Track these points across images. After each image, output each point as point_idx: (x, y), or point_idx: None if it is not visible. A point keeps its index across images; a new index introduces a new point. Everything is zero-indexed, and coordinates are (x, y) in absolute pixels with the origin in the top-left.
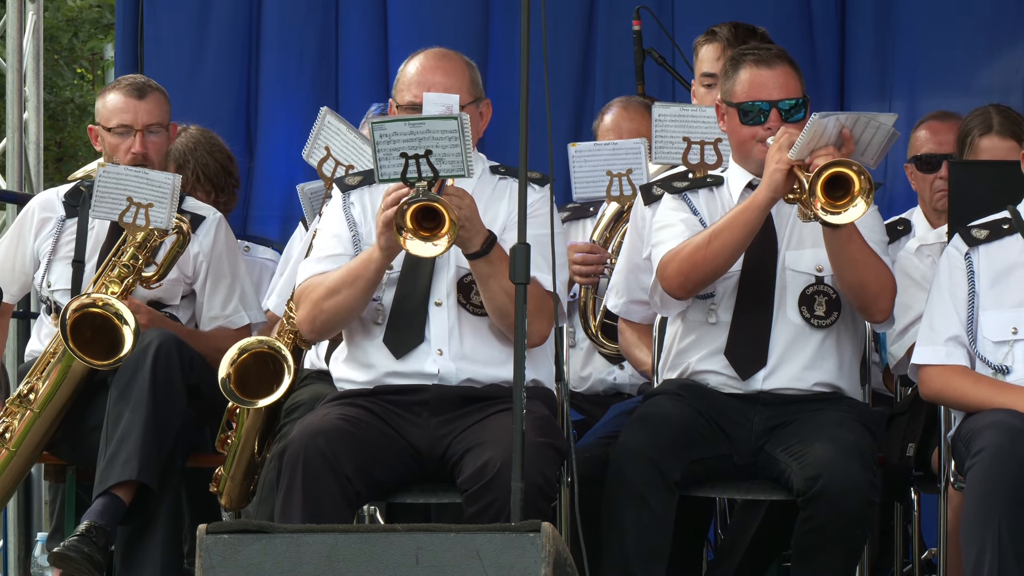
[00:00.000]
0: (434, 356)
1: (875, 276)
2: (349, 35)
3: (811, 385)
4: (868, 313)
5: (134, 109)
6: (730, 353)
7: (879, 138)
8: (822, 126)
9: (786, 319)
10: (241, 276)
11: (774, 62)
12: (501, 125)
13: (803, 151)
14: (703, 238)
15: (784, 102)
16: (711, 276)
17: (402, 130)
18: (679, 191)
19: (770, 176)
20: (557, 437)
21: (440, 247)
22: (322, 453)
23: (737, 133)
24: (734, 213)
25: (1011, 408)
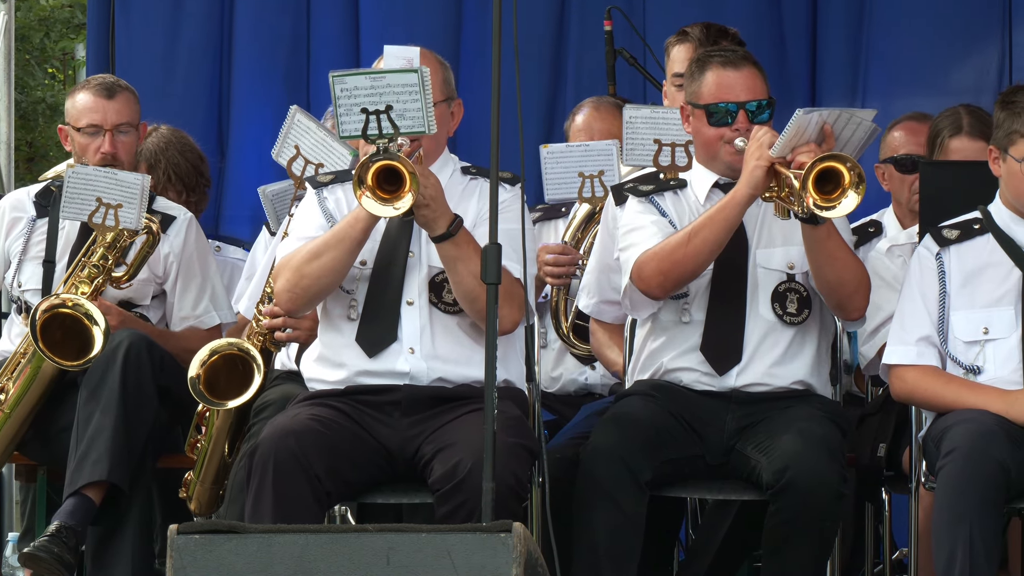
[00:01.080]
0: (405, 355)
1: (852, 273)
2: (321, 35)
3: (783, 381)
4: (844, 311)
5: (103, 109)
6: (706, 349)
7: (859, 134)
8: (805, 121)
9: (759, 316)
10: (212, 276)
11: (740, 63)
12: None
13: (785, 148)
14: (682, 237)
15: (751, 103)
16: (690, 275)
17: (363, 84)
18: (645, 194)
19: (750, 173)
20: (528, 437)
21: (400, 209)
22: (293, 453)
23: (703, 134)
24: (713, 211)
25: (982, 408)
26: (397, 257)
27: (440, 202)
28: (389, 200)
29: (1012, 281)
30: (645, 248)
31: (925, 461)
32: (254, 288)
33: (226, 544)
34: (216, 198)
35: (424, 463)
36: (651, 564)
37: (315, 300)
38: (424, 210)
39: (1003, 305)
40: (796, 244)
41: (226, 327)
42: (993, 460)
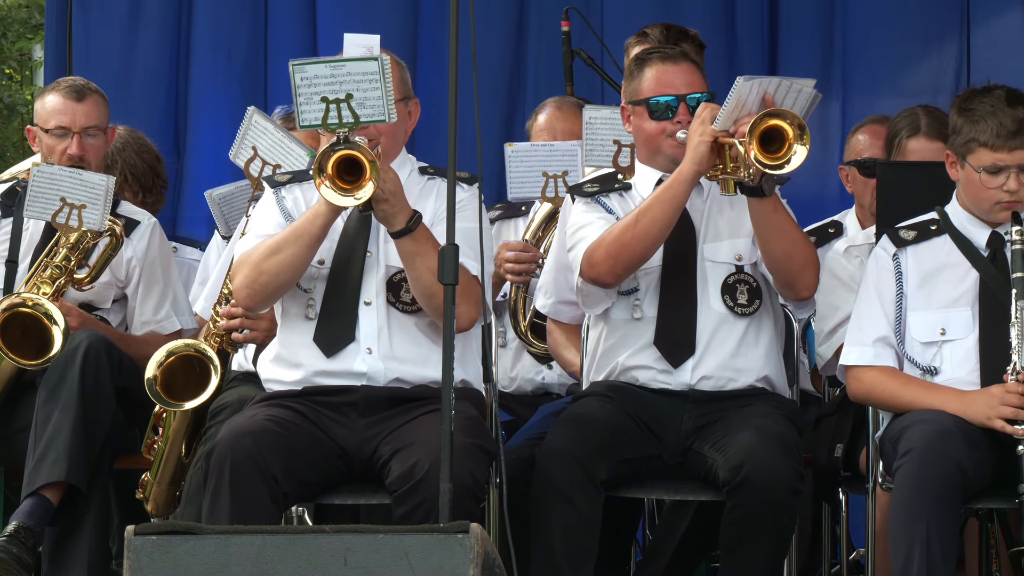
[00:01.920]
0: (363, 355)
1: (800, 248)
2: (278, 36)
3: (739, 375)
4: (793, 288)
5: (72, 111)
6: (659, 343)
7: (801, 101)
8: (746, 89)
9: (710, 308)
10: (173, 282)
11: (679, 59)
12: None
13: (728, 120)
14: (630, 219)
15: (692, 96)
16: (640, 257)
17: (323, 73)
18: (590, 195)
19: (695, 148)
20: (486, 438)
21: (360, 199)
22: (249, 454)
23: (645, 130)
24: (659, 190)
25: (939, 408)
26: (355, 257)
27: (399, 197)
28: (349, 190)
29: (969, 282)
30: (594, 239)
31: (882, 461)
32: (210, 289)
33: (183, 545)
34: (173, 199)
35: (382, 464)
36: (608, 565)
37: (273, 297)
38: (383, 205)
39: (960, 306)
40: (743, 236)
41: (187, 333)
42: (950, 460)
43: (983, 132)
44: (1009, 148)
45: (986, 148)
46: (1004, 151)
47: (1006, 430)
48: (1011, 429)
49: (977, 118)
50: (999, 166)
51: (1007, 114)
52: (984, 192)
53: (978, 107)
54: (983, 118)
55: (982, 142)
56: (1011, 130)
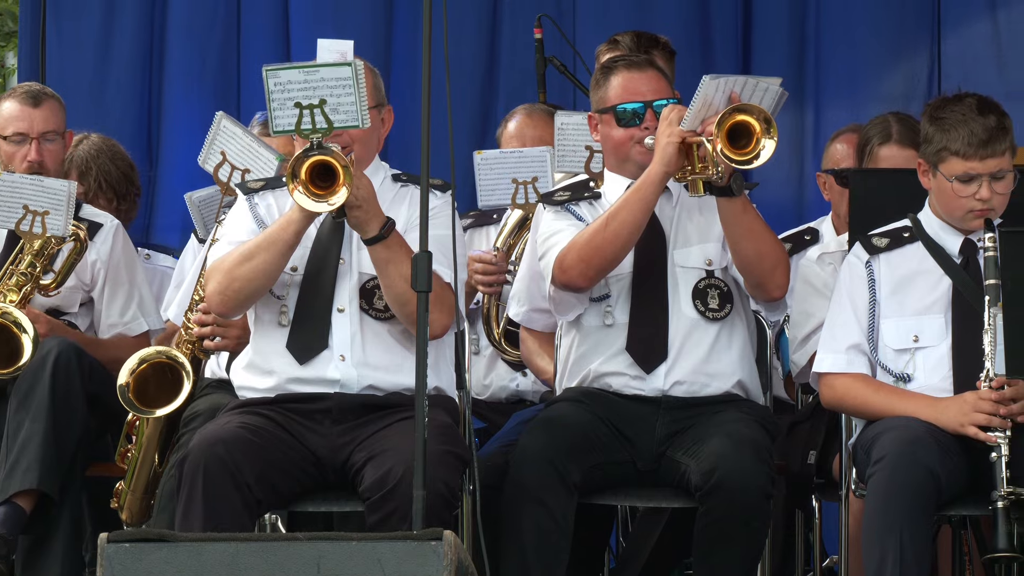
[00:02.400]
0: (336, 362)
1: (771, 247)
2: (251, 44)
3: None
4: (765, 289)
5: (29, 117)
6: (632, 349)
7: (768, 100)
8: (712, 88)
9: (681, 313)
10: (139, 283)
11: (645, 66)
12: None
13: (695, 120)
14: (600, 222)
15: (659, 102)
16: (611, 259)
17: (296, 78)
18: (560, 203)
19: (663, 150)
20: (459, 445)
21: (333, 205)
22: (222, 461)
23: (613, 138)
24: (629, 193)
25: (911, 415)
26: (328, 263)
27: (372, 203)
28: (323, 196)
29: (942, 289)
30: (565, 244)
31: (855, 468)
32: (183, 295)
33: (156, 553)
34: (147, 206)
35: (355, 471)
36: (582, 571)
37: (246, 303)
38: (356, 211)
39: (933, 313)
40: (713, 241)
41: (154, 334)
42: (923, 467)
43: (954, 141)
44: (980, 157)
45: (958, 157)
46: (975, 160)
47: (979, 437)
48: (984, 436)
49: (948, 127)
50: (971, 175)
51: (978, 123)
52: (956, 201)
53: (949, 116)
54: (954, 127)
55: (953, 151)
56: (982, 139)
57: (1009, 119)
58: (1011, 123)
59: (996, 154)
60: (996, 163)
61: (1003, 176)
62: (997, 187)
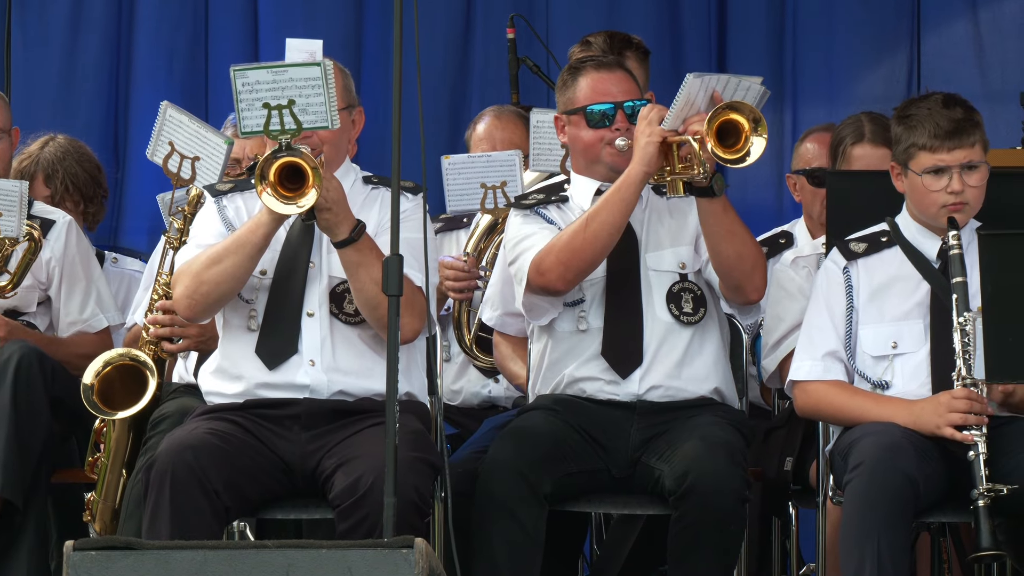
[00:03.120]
0: (306, 367)
1: (751, 248)
2: (219, 45)
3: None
4: (743, 291)
5: None
6: (607, 353)
7: (750, 98)
8: (696, 86)
9: (656, 317)
10: (96, 278)
11: (614, 67)
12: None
13: (677, 119)
14: (579, 223)
15: (628, 103)
16: (591, 261)
17: (264, 78)
18: (528, 207)
19: (643, 150)
20: (430, 451)
21: (303, 207)
22: (190, 467)
23: (582, 139)
24: (608, 193)
25: (888, 420)
26: (297, 267)
27: (343, 206)
28: (292, 198)
29: (921, 294)
30: (540, 248)
31: (832, 475)
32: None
33: (123, 560)
34: (114, 209)
35: (325, 478)
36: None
37: (214, 307)
38: (326, 214)
39: (912, 319)
40: (685, 244)
41: (115, 329)
42: (900, 473)
43: (921, 135)
44: (948, 148)
45: (925, 151)
46: (943, 151)
47: (956, 437)
48: (961, 436)
49: (914, 123)
50: (940, 167)
51: (943, 115)
52: (929, 196)
53: (915, 113)
54: (920, 122)
55: (921, 145)
56: (948, 129)
57: (979, 114)
58: (981, 118)
59: (964, 145)
60: (965, 154)
61: (976, 167)
62: (969, 179)
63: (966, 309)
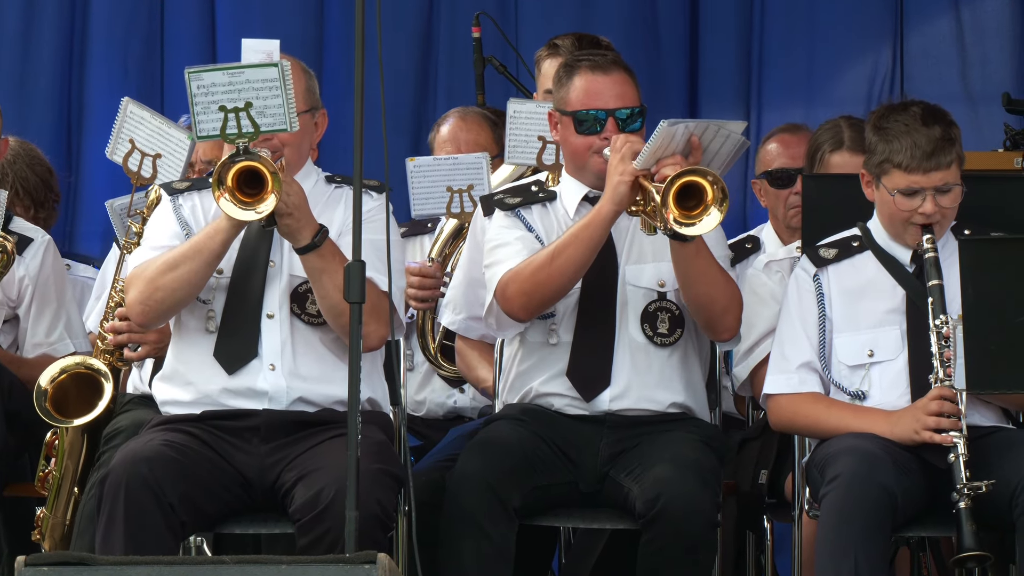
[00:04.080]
0: (265, 372)
1: (723, 291)
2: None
3: (658, 405)
4: (714, 331)
5: None
6: (572, 374)
7: (728, 147)
8: (670, 134)
9: (628, 337)
10: (67, 303)
11: (610, 68)
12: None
13: (649, 160)
14: (545, 256)
15: (621, 111)
16: (555, 296)
17: (220, 80)
18: (511, 207)
19: (614, 188)
20: (394, 463)
21: (262, 213)
22: (145, 481)
23: (572, 143)
24: (577, 229)
25: (867, 431)
26: (256, 266)
27: (304, 211)
28: (251, 204)
29: (896, 300)
30: (510, 266)
31: (808, 488)
32: (102, 303)
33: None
34: (67, 214)
35: (285, 491)
36: None
37: (169, 313)
38: (287, 219)
39: (887, 325)
40: (667, 260)
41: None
42: (878, 486)
43: (897, 152)
44: (924, 170)
45: (900, 170)
46: (919, 173)
47: (934, 439)
48: (939, 438)
49: (891, 137)
50: (914, 188)
51: (922, 134)
52: (899, 215)
53: (892, 126)
54: (897, 137)
55: (896, 163)
56: (926, 151)
57: (957, 129)
58: (959, 133)
59: (941, 167)
60: (941, 176)
61: (948, 190)
62: (942, 201)
63: (942, 312)
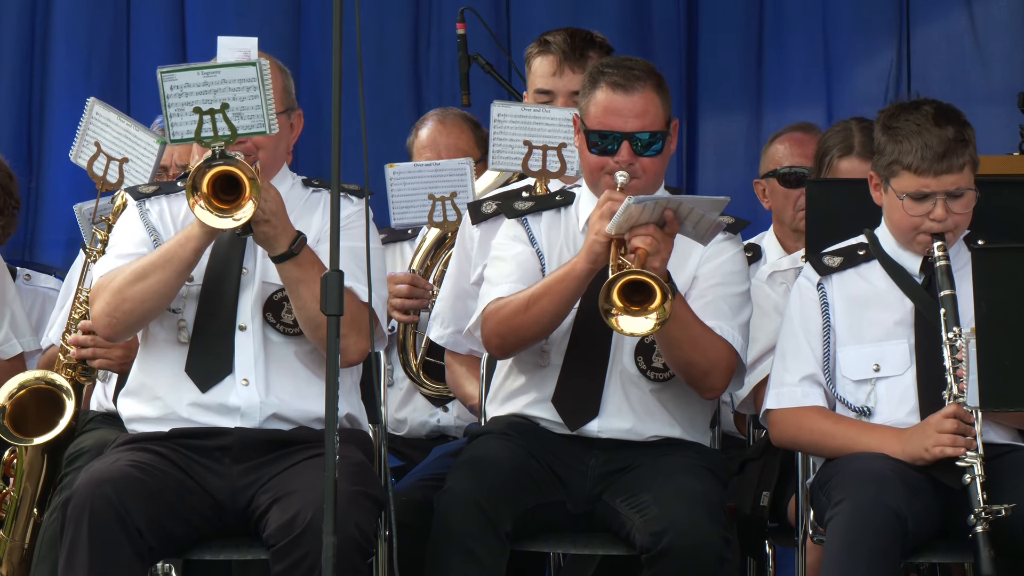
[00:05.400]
0: (238, 387)
1: (703, 353)
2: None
3: (649, 426)
4: (697, 389)
5: None
6: (559, 402)
7: (700, 228)
8: (637, 211)
9: (621, 368)
10: (10, 301)
11: (634, 86)
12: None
13: (622, 227)
14: (522, 302)
15: (640, 135)
16: (531, 341)
17: (195, 80)
18: (520, 214)
19: (589, 247)
20: (374, 485)
21: (239, 220)
22: (110, 503)
23: (586, 160)
24: (553, 280)
25: (875, 450)
26: (229, 274)
27: (281, 217)
28: (227, 211)
29: (904, 312)
30: (500, 293)
31: (813, 511)
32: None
33: None
34: (28, 222)
35: (258, 515)
36: None
37: (137, 326)
38: (264, 226)
39: (895, 338)
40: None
41: (30, 355)
42: (887, 509)
43: (907, 154)
44: (935, 172)
45: (910, 172)
46: (930, 175)
47: (947, 453)
48: (952, 451)
49: (901, 138)
50: (924, 192)
51: (933, 134)
52: (908, 220)
53: (903, 125)
54: (907, 138)
55: (906, 165)
56: (938, 152)
57: (971, 130)
58: (973, 134)
59: (953, 169)
60: (952, 180)
61: (961, 195)
62: (954, 206)
63: (955, 324)
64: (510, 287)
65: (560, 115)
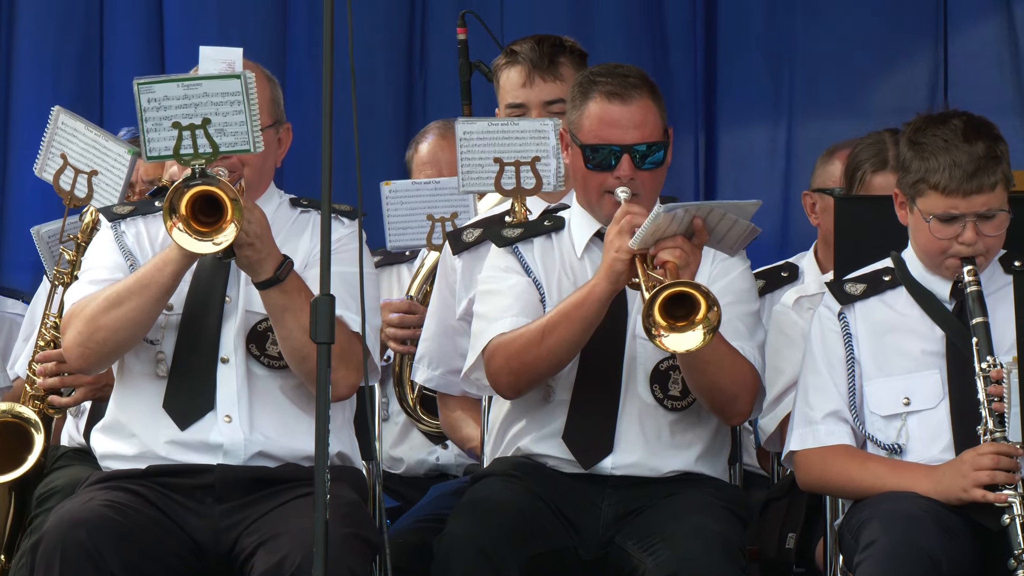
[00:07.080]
0: (220, 424)
1: (731, 377)
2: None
3: (666, 472)
4: (723, 416)
5: None
6: (570, 438)
7: (734, 234)
8: (667, 220)
9: (636, 397)
10: None
11: (630, 94)
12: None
13: (647, 240)
14: (536, 332)
15: (639, 146)
16: (546, 375)
17: (174, 93)
18: (510, 242)
19: (609, 266)
20: (367, 527)
21: (220, 244)
22: (83, 547)
23: (580, 177)
24: (569, 306)
25: (907, 490)
26: (211, 302)
27: (266, 241)
28: (207, 234)
29: (934, 341)
30: (501, 328)
31: (842, 554)
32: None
33: None
34: None
35: (243, 558)
36: None
37: (112, 356)
38: (247, 250)
39: (925, 369)
40: None
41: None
42: (921, 553)
43: (934, 172)
44: (964, 193)
45: (937, 192)
46: (958, 196)
47: (987, 498)
48: (992, 496)
49: (928, 154)
50: (952, 214)
51: (963, 151)
52: (935, 243)
53: (930, 140)
54: (934, 155)
55: (933, 184)
56: (967, 171)
57: (1004, 144)
58: (1006, 149)
59: (984, 189)
60: (983, 200)
61: (992, 216)
62: (985, 228)
63: (989, 353)
64: (511, 321)
65: (529, 127)
